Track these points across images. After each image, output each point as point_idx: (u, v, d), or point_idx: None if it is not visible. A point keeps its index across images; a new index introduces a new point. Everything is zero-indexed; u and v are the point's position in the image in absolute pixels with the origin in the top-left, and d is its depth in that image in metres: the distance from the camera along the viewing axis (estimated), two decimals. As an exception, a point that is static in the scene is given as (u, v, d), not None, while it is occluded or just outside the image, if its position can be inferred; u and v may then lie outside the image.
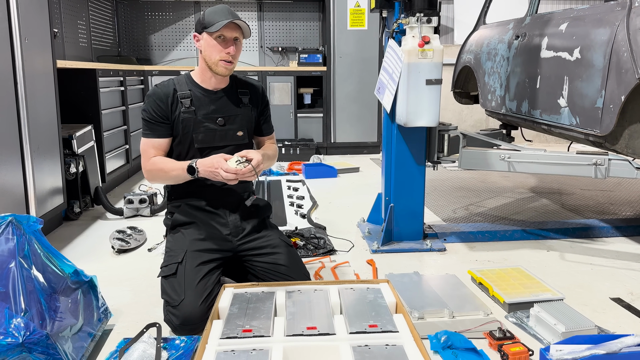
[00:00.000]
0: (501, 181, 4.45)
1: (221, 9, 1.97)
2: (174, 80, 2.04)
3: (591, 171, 2.51)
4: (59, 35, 4.15)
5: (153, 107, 1.99)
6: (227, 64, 1.97)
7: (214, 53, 1.95)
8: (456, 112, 6.45)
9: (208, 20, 1.94)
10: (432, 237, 2.89)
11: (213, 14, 1.94)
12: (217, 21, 1.92)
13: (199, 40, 1.99)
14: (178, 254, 1.94)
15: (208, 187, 2.03)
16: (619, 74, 2.23)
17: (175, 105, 2.00)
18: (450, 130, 2.74)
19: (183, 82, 2.04)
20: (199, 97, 2.03)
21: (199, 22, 1.98)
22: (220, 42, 1.94)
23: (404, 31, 2.54)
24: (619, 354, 1.56)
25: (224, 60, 1.96)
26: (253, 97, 2.14)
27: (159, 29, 6.08)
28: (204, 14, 1.98)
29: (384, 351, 1.49)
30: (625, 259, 2.65)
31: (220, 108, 2.05)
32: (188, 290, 1.83)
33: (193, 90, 2.03)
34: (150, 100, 2.00)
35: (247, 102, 2.11)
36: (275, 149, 2.24)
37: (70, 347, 1.57)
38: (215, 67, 1.98)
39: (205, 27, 1.95)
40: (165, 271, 1.92)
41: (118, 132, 4.21)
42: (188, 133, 2.00)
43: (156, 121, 1.99)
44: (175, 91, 2.00)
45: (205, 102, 2.03)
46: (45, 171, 2.74)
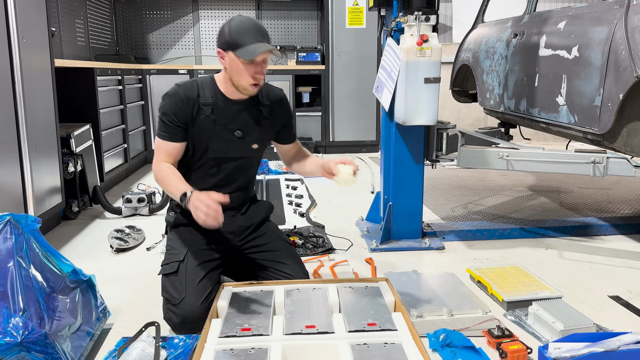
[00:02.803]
0: (500, 179, 4.45)
1: (249, 27, 1.80)
2: (198, 83, 1.93)
3: (589, 169, 2.51)
4: (56, 34, 4.14)
5: (173, 109, 1.88)
6: (255, 87, 1.87)
7: (242, 77, 1.83)
8: (455, 111, 6.45)
9: (236, 40, 1.78)
10: (431, 235, 2.89)
11: (241, 34, 1.78)
12: (247, 44, 1.77)
13: (224, 58, 1.84)
14: (180, 252, 1.93)
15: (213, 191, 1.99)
16: (617, 72, 2.23)
17: (197, 110, 1.90)
18: (449, 128, 2.74)
19: (207, 87, 1.93)
20: (221, 106, 1.93)
21: (224, 38, 1.81)
22: (249, 66, 1.80)
23: (403, 29, 2.54)
24: (617, 351, 1.56)
25: (253, 83, 1.85)
26: (274, 109, 2.03)
27: (157, 28, 6.07)
28: (229, 29, 1.80)
29: (382, 349, 1.49)
30: (624, 257, 2.66)
31: (240, 120, 1.96)
32: (189, 289, 1.82)
33: (215, 97, 1.93)
34: (171, 101, 1.89)
35: (267, 115, 2.01)
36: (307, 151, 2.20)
37: (68, 347, 1.56)
38: (242, 90, 1.88)
39: (232, 47, 1.79)
40: (167, 269, 1.90)
41: (116, 131, 4.20)
42: (204, 141, 1.93)
43: (174, 124, 1.89)
44: (199, 96, 1.90)
45: (226, 111, 1.94)
46: (43, 170, 2.73)
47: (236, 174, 2.03)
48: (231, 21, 1.81)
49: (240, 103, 1.95)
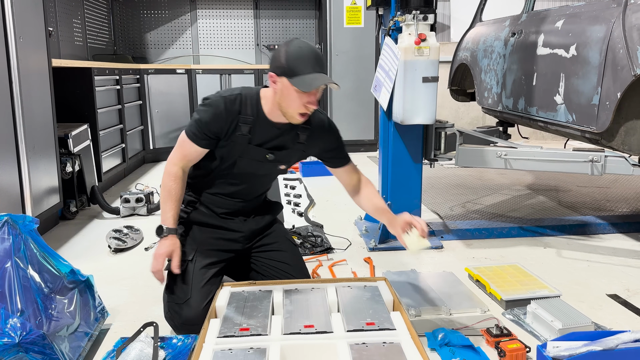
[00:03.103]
0: (498, 178, 4.45)
1: (308, 54, 1.68)
2: (242, 97, 1.81)
3: (587, 168, 2.51)
4: (54, 34, 4.13)
5: (211, 119, 1.79)
6: (304, 116, 1.76)
7: (293, 106, 1.72)
8: (453, 110, 6.45)
9: (292, 68, 1.67)
10: (430, 234, 2.89)
11: (299, 61, 1.67)
12: (304, 73, 1.66)
13: (276, 83, 1.72)
14: (189, 250, 1.90)
15: (230, 200, 1.97)
16: (615, 71, 2.23)
17: (234, 127, 1.81)
18: (447, 127, 2.74)
19: (249, 104, 1.82)
20: (259, 126, 1.84)
21: (279, 62, 1.69)
22: (302, 95, 1.69)
23: (401, 29, 2.54)
24: (616, 350, 1.56)
25: (303, 112, 1.75)
26: (314, 134, 1.92)
27: (154, 27, 6.06)
28: (287, 54, 1.68)
29: (381, 349, 1.49)
30: (622, 255, 2.66)
31: (275, 143, 1.89)
32: (194, 291, 1.82)
33: (256, 116, 1.82)
34: (209, 112, 1.79)
35: (303, 140, 1.91)
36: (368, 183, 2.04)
37: (67, 347, 1.56)
38: (290, 117, 1.77)
39: (287, 74, 1.68)
40: None
41: (114, 131, 4.20)
42: (233, 156, 1.87)
43: (205, 133, 1.80)
44: (239, 113, 1.81)
45: (264, 133, 1.85)
46: (41, 170, 2.73)
47: (257, 186, 2.02)
48: (289, 45, 1.70)
49: (280, 127, 1.86)
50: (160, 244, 1.81)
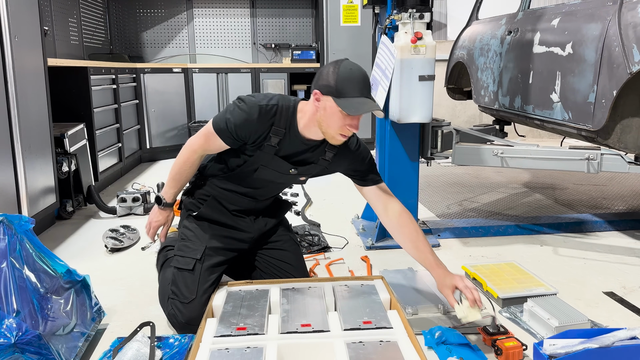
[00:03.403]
0: (495, 176, 4.46)
1: (358, 78, 1.65)
2: (278, 108, 1.75)
3: (584, 166, 2.52)
4: (49, 33, 4.11)
5: (241, 124, 1.73)
6: (344, 137, 1.72)
7: (334, 126, 1.68)
8: (450, 108, 6.45)
9: (340, 89, 1.63)
10: (426, 233, 2.89)
11: (348, 83, 1.64)
12: (352, 95, 1.63)
13: (319, 100, 1.68)
14: (197, 248, 1.89)
15: (244, 199, 1.96)
16: (611, 69, 2.24)
17: (264, 137, 1.77)
18: (444, 126, 2.74)
19: (284, 116, 1.76)
20: (289, 140, 1.80)
21: (327, 82, 1.66)
22: (346, 117, 1.66)
23: (397, 27, 2.54)
24: (612, 347, 1.57)
25: (343, 134, 1.71)
26: (341, 153, 1.88)
27: (151, 26, 6.04)
28: (337, 75, 1.64)
29: (378, 347, 1.49)
30: (618, 253, 2.67)
31: (301, 158, 1.86)
32: (200, 291, 1.82)
33: (288, 129, 1.78)
34: (243, 115, 1.73)
35: (329, 158, 1.88)
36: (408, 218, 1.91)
37: (63, 347, 1.56)
38: (329, 137, 1.73)
39: (333, 94, 1.64)
40: (182, 263, 1.87)
41: (110, 130, 4.19)
42: (257, 163, 1.84)
43: (232, 133, 1.76)
44: (272, 124, 1.76)
45: (292, 147, 1.82)
46: (37, 170, 2.72)
47: (273, 190, 2.02)
48: (339, 65, 1.66)
49: (309, 143, 1.82)
50: (156, 214, 1.97)
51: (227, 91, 5.58)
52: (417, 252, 1.85)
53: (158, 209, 1.97)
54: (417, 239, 1.86)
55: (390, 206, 1.92)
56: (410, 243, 1.86)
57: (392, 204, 1.93)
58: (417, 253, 1.85)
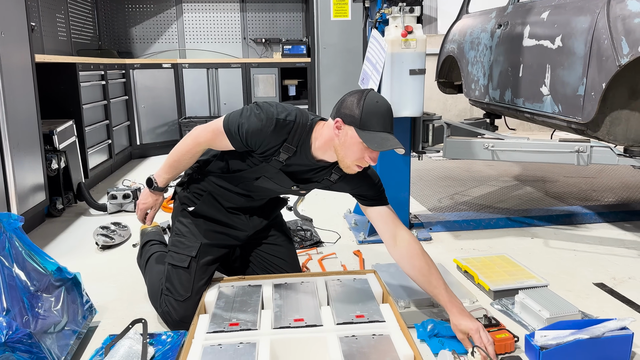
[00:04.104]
0: (486, 170, 4.48)
1: (383, 113, 1.61)
2: (294, 126, 1.69)
3: (574, 158, 2.53)
4: (37, 29, 4.07)
5: (253, 132, 1.68)
6: (359, 168, 1.68)
7: (352, 157, 1.64)
8: (441, 102, 6.46)
9: (365, 121, 1.59)
10: (418, 226, 2.91)
11: (373, 116, 1.59)
12: (375, 129, 1.59)
13: (340, 129, 1.63)
14: (192, 245, 1.87)
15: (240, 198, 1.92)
16: (600, 62, 2.25)
17: (274, 151, 1.72)
18: (435, 120, 2.74)
19: (298, 135, 1.70)
20: (297, 158, 1.75)
21: (351, 112, 1.60)
22: (366, 149, 1.61)
23: (387, 21, 2.54)
24: (602, 338, 1.58)
25: (359, 165, 1.67)
26: (347, 177, 1.82)
27: (140, 22, 5.99)
28: (362, 106, 1.59)
29: (370, 341, 1.50)
30: (608, 244, 2.69)
31: (306, 177, 1.83)
32: (195, 289, 1.81)
33: (299, 148, 1.72)
34: (257, 125, 1.67)
35: (334, 180, 1.84)
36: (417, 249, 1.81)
37: (54, 346, 1.55)
38: (345, 166, 1.68)
39: (357, 125, 1.59)
40: (177, 260, 1.85)
41: (100, 127, 4.15)
42: (259, 173, 1.81)
43: (241, 138, 1.70)
44: (284, 141, 1.70)
45: (299, 165, 1.78)
46: (25, 168, 2.69)
47: (270, 195, 2.01)
48: (365, 96, 1.61)
49: (319, 165, 1.78)
50: (146, 195, 1.91)
51: (218, 86, 5.55)
52: (430, 287, 1.74)
53: (149, 191, 1.90)
54: (430, 272, 1.75)
55: (400, 234, 1.81)
56: (422, 277, 1.76)
57: (401, 231, 1.82)
58: (430, 288, 1.74)
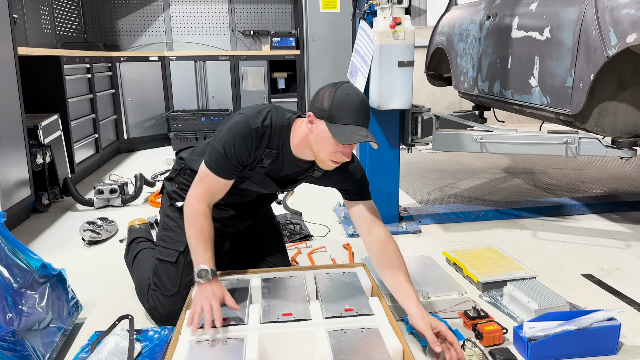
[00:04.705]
0: (475, 162, 4.49)
1: (354, 105, 1.55)
2: (271, 129, 1.65)
3: (562, 150, 2.54)
4: (19, 21, 4.00)
5: (240, 147, 1.62)
6: (335, 164, 1.62)
7: (325, 151, 1.58)
8: (430, 95, 6.46)
9: (334, 114, 1.54)
10: (408, 219, 2.90)
11: (343, 109, 1.54)
12: (345, 122, 1.53)
13: (312, 123, 1.59)
14: (180, 239, 1.83)
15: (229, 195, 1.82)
16: (588, 53, 2.25)
17: (258, 158, 1.68)
18: (424, 112, 2.73)
19: (276, 136, 1.67)
20: (280, 160, 1.72)
21: (321, 105, 1.57)
22: (338, 144, 1.56)
23: (375, 12, 2.52)
24: (590, 329, 1.59)
25: (334, 160, 1.61)
26: (329, 174, 1.78)
27: (126, 14, 5.91)
28: (332, 99, 1.55)
29: (359, 334, 1.49)
30: (596, 235, 2.71)
31: (290, 179, 1.81)
32: (182, 284, 1.79)
33: (280, 150, 1.69)
34: (241, 143, 1.62)
35: (317, 176, 1.81)
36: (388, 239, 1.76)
37: (39, 343, 1.52)
38: (320, 162, 1.63)
39: (327, 119, 1.55)
40: (165, 255, 1.82)
41: (86, 120, 4.10)
42: (245, 177, 1.77)
43: (232, 162, 1.64)
44: (266, 146, 1.67)
45: (282, 169, 1.75)
46: (9, 163, 2.65)
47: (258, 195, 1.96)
48: (336, 88, 1.58)
49: (300, 166, 1.75)
50: (205, 290, 1.55)
51: (206, 79, 5.50)
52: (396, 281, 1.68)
53: (204, 284, 1.57)
54: (400, 268, 1.70)
55: (375, 229, 1.78)
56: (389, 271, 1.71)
57: (378, 227, 1.78)
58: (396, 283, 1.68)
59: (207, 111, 5.35)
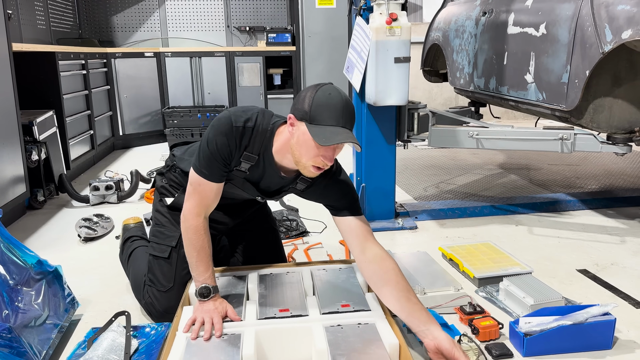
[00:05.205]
0: (471, 158, 4.50)
1: (335, 105, 1.47)
2: (253, 132, 1.59)
3: (557, 146, 2.54)
4: (14, 17, 3.97)
5: (222, 145, 1.57)
6: (317, 170, 1.53)
7: (307, 155, 1.49)
8: (426, 91, 6.47)
9: (314, 115, 1.46)
10: (404, 215, 2.91)
11: (323, 109, 1.46)
12: (326, 124, 1.45)
13: (293, 125, 1.51)
14: (172, 235, 1.82)
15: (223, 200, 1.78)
16: (584, 49, 2.25)
17: (237, 159, 1.62)
18: (420, 108, 2.74)
19: (259, 140, 1.60)
20: (261, 166, 1.65)
21: (302, 106, 1.49)
22: (320, 147, 1.47)
23: (372, 8, 2.51)
24: (585, 323, 1.60)
25: (316, 166, 1.52)
26: (314, 186, 1.71)
27: (121, 10, 5.88)
28: (312, 99, 1.47)
29: (356, 330, 1.50)
30: (591, 231, 2.72)
31: (271, 186, 1.74)
32: (177, 280, 1.79)
33: (261, 156, 1.62)
34: (221, 135, 1.57)
35: (301, 189, 1.73)
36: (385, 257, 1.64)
37: (35, 340, 1.52)
38: (301, 168, 1.54)
39: (307, 119, 1.48)
40: (157, 250, 1.81)
41: (82, 117, 4.08)
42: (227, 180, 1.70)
43: (218, 161, 1.58)
44: (245, 149, 1.60)
45: (263, 174, 1.68)
46: (4, 159, 2.64)
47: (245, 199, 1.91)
48: (318, 89, 1.50)
49: (282, 177, 1.67)
50: (207, 305, 1.55)
51: (201, 75, 5.49)
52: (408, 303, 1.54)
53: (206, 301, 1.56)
54: (407, 289, 1.57)
55: (369, 246, 1.65)
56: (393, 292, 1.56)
57: (372, 244, 1.66)
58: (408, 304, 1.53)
59: (202, 107, 5.34)
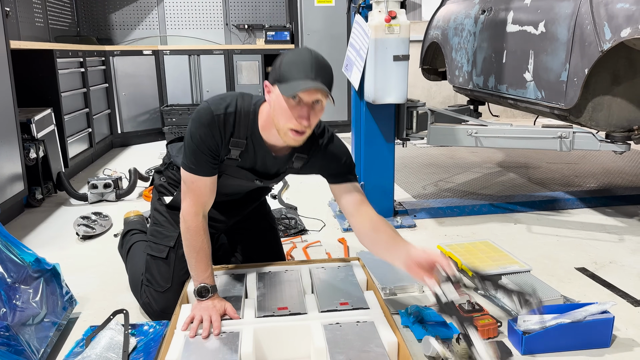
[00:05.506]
0: (469, 157, 4.50)
1: (304, 59, 1.43)
2: (236, 117, 1.56)
3: (556, 144, 2.54)
4: (12, 15, 3.96)
5: (205, 136, 1.54)
6: (297, 134, 1.48)
7: (283, 118, 1.46)
8: (425, 89, 6.46)
9: (284, 73, 1.43)
10: (403, 213, 2.91)
11: (292, 66, 1.43)
12: (294, 78, 1.41)
13: (270, 93, 1.49)
14: (170, 235, 1.82)
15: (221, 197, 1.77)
16: (583, 47, 2.25)
17: (225, 148, 1.59)
18: (419, 106, 2.73)
19: (244, 123, 1.57)
20: (251, 150, 1.63)
21: (274, 68, 1.48)
22: (293, 106, 1.43)
23: (371, 6, 2.51)
24: (584, 322, 1.60)
25: (295, 130, 1.47)
26: (311, 162, 1.70)
27: (119, 7, 5.87)
28: (282, 60, 1.46)
29: (355, 328, 1.50)
30: (590, 229, 2.72)
31: (267, 169, 1.70)
32: (175, 280, 1.78)
33: (250, 138, 1.60)
34: (204, 127, 1.54)
35: (297, 167, 1.71)
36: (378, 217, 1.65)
37: (33, 338, 1.52)
38: (282, 135, 1.51)
39: (278, 80, 1.45)
40: (155, 250, 1.80)
41: (80, 115, 4.07)
42: (220, 172, 1.68)
43: (205, 154, 1.56)
44: (232, 135, 1.57)
45: (256, 158, 1.65)
46: (2, 157, 2.63)
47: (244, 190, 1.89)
48: (290, 51, 1.49)
49: (275, 157, 1.65)
50: (205, 303, 1.55)
51: (200, 73, 5.48)
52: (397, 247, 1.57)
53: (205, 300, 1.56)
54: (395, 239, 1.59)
55: (364, 209, 1.67)
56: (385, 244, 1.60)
57: (367, 207, 1.67)
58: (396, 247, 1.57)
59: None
